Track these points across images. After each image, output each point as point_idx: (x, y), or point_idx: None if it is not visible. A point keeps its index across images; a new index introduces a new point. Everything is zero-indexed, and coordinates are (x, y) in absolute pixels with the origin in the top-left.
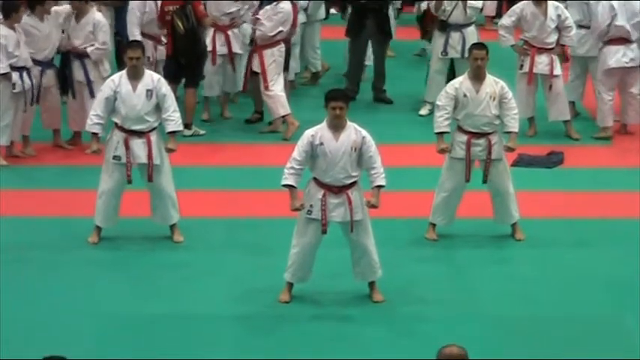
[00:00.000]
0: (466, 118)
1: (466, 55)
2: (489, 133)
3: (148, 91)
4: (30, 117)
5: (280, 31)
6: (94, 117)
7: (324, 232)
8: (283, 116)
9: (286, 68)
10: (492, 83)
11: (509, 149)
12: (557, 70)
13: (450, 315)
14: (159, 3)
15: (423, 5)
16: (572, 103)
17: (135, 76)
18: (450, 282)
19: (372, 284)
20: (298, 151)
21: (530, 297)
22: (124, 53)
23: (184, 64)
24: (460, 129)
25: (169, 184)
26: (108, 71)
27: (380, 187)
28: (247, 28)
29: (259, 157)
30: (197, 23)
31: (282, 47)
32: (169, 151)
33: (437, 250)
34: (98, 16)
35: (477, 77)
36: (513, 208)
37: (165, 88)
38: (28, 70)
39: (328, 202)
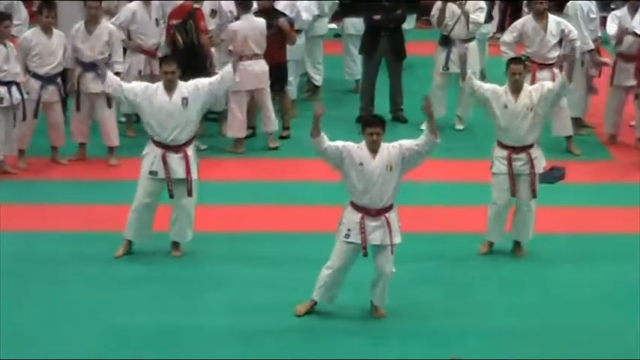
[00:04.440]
0: (506, 130)
1: None
2: (529, 146)
3: (183, 99)
4: (29, 131)
5: (230, 50)
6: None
7: (364, 254)
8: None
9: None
10: (529, 95)
11: None
12: None
13: (453, 328)
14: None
15: None
16: (577, 119)
17: (170, 89)
18: (453, 296)
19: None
20: (340, 143)
21: (532, 310)
22: None
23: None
24: (500, 144)
25: (194, 202)
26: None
27: None
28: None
29: (261, 172)
30: (197, 38)
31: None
32: None
33: (441, 264)
34: (112, 27)
35: (516, 90)
36: (531, 227)
37: (200, 84)
38: (17, 84)
39: (367, 225)
